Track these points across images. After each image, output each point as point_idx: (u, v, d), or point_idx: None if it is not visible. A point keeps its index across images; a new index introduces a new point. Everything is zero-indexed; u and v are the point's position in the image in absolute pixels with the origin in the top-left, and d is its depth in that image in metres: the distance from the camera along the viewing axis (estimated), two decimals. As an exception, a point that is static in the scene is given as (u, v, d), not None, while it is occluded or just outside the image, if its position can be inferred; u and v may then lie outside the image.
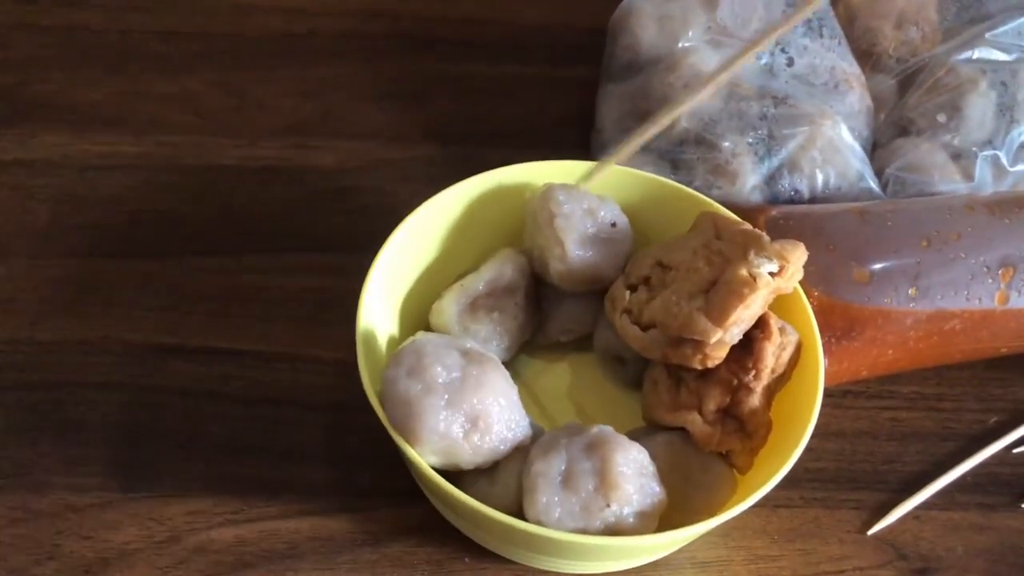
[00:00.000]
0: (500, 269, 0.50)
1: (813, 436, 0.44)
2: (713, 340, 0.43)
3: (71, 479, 0.49)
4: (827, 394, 0.54)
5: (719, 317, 0.43)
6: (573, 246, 0.48)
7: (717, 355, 0.44)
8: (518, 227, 0.53)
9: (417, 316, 0.51)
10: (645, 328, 0.46)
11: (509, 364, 0.50)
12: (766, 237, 0.45)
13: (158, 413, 0.52)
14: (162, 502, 0.48)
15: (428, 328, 0.50)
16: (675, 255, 0.47)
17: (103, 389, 0.52)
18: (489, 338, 0.49)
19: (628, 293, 0.48)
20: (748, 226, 0.47)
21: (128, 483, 0.49)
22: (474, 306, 0.49)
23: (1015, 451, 0.54)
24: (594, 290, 0.51)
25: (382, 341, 0.49)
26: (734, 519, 0.43)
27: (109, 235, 0.59)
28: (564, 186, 0.50)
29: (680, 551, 0.49)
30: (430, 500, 0.48)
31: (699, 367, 0.44)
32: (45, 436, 0.50)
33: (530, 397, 0.52)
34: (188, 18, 0.72)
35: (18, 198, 0.61)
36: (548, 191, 0.50)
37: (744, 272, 0.43)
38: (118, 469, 0.49)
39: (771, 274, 0.44)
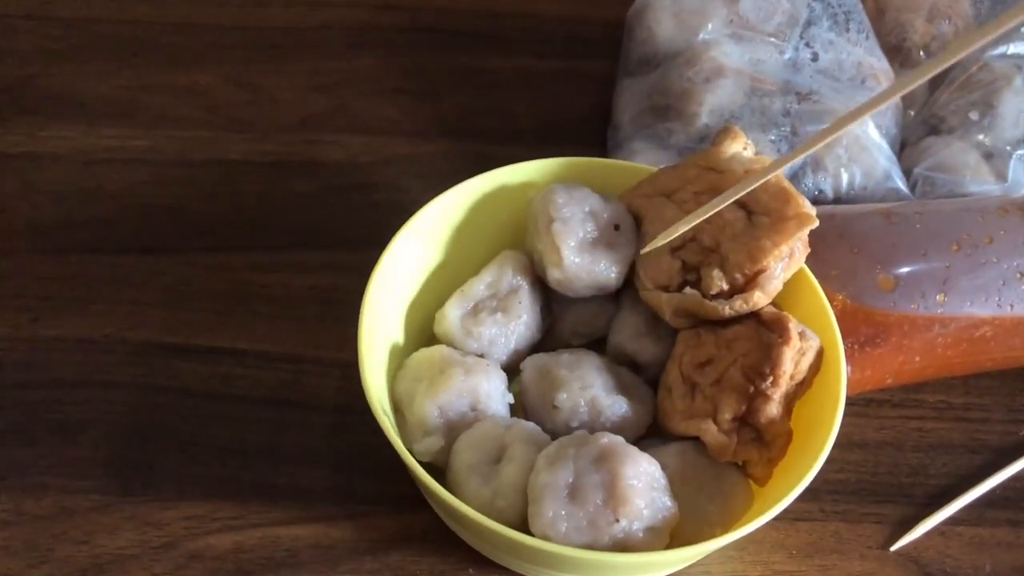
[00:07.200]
0: (500, 271, 0.48)
1: (834, 446, 0.42)
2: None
3: (68, 481, 0.48)
4: (850, 402, 0.52)
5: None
6: (570, 253, 0.46)
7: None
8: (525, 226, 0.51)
9: (424, 317, 0.50)
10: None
11: (518, 367, 0.49)
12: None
13: (159, 414, 0.51)
14: (160, 506, 0.47)
15: (433, 333, 0.48)
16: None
17: (104, 388, 0.51)
18: (494, 340, 0.47)
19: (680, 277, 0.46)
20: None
21: (126, 486, 0.48)
22: (476, 309, 0.48)
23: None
24: (599, 295, 0.49)
25: (386, 344, 0.47)
26: (751, 533, 0.41)
27: (115, 230, 0.58)
28: (566, 187, 0.48)
29: (694, 565, 0.47)
30: (434, 508, 0.47)
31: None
32: (42, 436, 0.49)
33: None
34: (200, 10, 0.71)
35: (24, 192, 0.60)
36: (548, 193, 0.48)
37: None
38: (116, 471, 0.48)
39: None
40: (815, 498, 0.49)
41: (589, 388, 0.45)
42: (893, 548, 0.48)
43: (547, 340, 0.51)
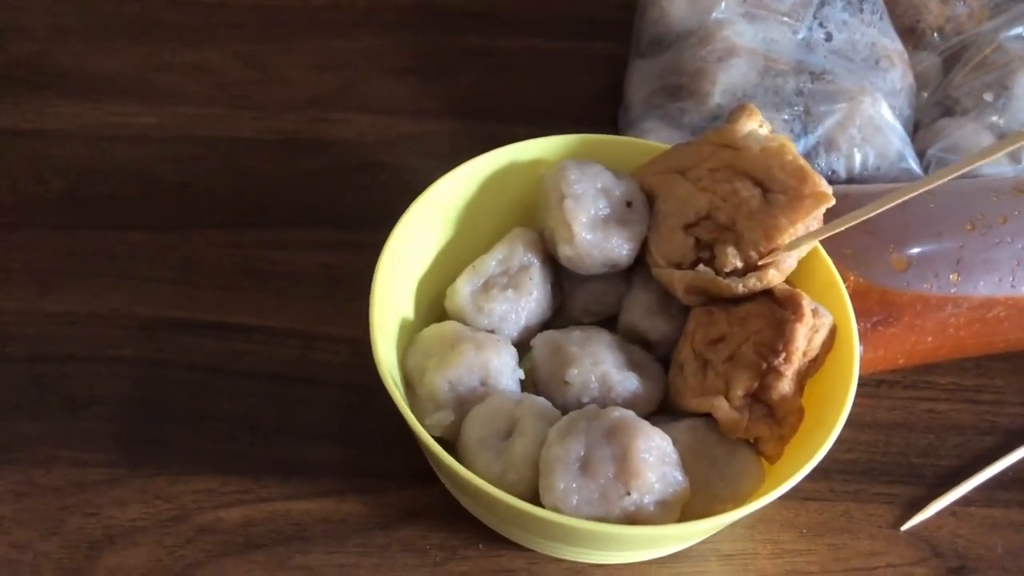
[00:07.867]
0: (511, 248, 0.48)
1: (846, 426, 0.42)
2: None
3: (78, 454, 0.48)
4: (861, 383, 0.52)
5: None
6: (582, 230, 0.46)
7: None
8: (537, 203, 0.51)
9: (435, 293, 0.50)
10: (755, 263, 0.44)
11: (528, 344, 0.48)
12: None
13: (168, 389, 0.50)
14: (170, 480, 0.47)
15: (443, 309, 0.48)
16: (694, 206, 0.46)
17: (112, 363, 0.51)
18: (505, 316, 0.47)
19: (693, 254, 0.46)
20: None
21: (135, 460, 0.48)
22: (488, 286, 0.48)
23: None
24: (610, 272, 0.48)
25: (397, 319, 0.47)
26: (761, 510, 0.41)
27: (124, 206, 0.58)
28: (579, 163, 0.48)
29: (704, 542, 0.47)
30: (444, 483, 0.46)
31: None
32: (52, 410, 0.49)
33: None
34: (208, -12, 0.70)
35: (33, 168, 0.60)
36: (561, 169, 0.48)
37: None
38: (126, 445, 0.48)
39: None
40: (826, 477, 0.49)
41: (600, 364, 0.45)
42: (904, 528, 0.48)
43: (558, 318, 0.51)
